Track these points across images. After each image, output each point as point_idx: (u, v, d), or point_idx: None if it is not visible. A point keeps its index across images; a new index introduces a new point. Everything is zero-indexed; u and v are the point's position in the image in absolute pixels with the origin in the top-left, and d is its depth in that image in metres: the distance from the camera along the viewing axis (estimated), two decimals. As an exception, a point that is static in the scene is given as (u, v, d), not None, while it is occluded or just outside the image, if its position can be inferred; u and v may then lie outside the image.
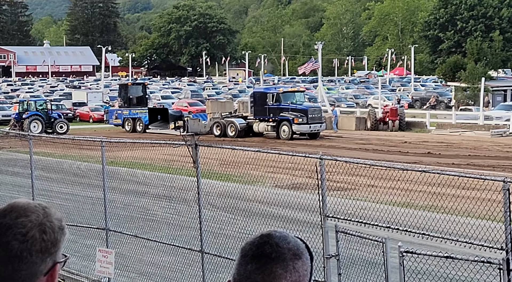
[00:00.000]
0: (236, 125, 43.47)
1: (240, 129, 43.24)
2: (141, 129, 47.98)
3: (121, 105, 51.44)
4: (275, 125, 42.41)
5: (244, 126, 43.47)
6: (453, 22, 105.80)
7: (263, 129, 42.96)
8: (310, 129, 41.92)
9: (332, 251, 10.07)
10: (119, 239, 13.70)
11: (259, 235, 2.08)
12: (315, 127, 42.17)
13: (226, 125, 43.89)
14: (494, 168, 28.18)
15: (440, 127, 47.60)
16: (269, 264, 2.01)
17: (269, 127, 42.70)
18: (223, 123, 44.07)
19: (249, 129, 43.46)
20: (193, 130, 44.09)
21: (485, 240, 8.78)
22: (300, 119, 41.59)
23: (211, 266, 11.87)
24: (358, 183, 19.60)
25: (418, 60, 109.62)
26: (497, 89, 62.30)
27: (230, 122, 43.92)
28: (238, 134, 42.90)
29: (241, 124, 43.51)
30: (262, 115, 42.98)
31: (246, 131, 43.38)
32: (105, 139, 14.64)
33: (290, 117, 41.75)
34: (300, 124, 41.60)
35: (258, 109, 43.22)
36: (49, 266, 2.09)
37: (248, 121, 43.75)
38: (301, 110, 41.95)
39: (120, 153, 18.29)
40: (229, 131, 43.62)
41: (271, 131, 42.65)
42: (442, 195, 12.58)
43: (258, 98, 43.57)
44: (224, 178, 16.85)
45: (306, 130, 41.96)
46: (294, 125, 41.64)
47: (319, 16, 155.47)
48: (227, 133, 43.51)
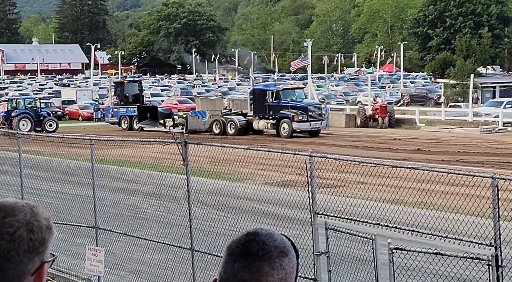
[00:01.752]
0: (236, 123, 42.95)
1: (240, 127, 42.75)
2: (138, 128, 47.33)
3: (117, 103, 50.81)
4: (275, 123, 41.91)
5: (244, 124, 42.99)
6: (442, 19, 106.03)
7: (263, 127, 42.51)
8: (310, 127, 41.48)
9: (322, 248, 10.08)
10: (109, 237, 13.67)
11: (245, 233, 2.08)
12: (315, 125, 41.75)
13: (226, 123, 43.36)
14: (483, 164, 28.28)
15: (429, 124, 47.73)
16: (255, 262, 2.01)
17: (269, 125, 42.22)
18: (222, 121, 43.55)
19: (249, 127, 43.01)
20: (192, 128, 43.79)
21: (474, 237, 8.81)
22: (300, 117, 41.10)
23: (201, 264, 11.87)
24: (348, 180, 19.61)
25: (407, 57, 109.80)
26: (486, 86, 62.52)
27: (230, 120, 43.39)
28: (238, 132, 42.46)
29: (240, 122, 42.98)
30: (262, 112, 42.47)
31: (246, 129, 42.92)
32: (95, 137, 14.60)
33: (290, 115, 41.26)
34: (300, 122, 41.14)
35: (258, 107, 42.69)
36: (36, 266, 2.09)
37: (248, 118, 43.19)
38: (301, 108, 41.48)
39: (110, 151, 18.25)
40: (229, 129, 43.13)
41: (271, 129, 42.19)
42: (432, 191, 12.62)
43: (257, 96, 43.03)
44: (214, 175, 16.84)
45: (306, 128, 41.52)
46: (294, 123, 41.14)
47: (308, 13, 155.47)
48: (227, 131, 43.01)
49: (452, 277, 9.62)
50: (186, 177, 11.89)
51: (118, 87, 53.06)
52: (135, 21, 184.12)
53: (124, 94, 51.00)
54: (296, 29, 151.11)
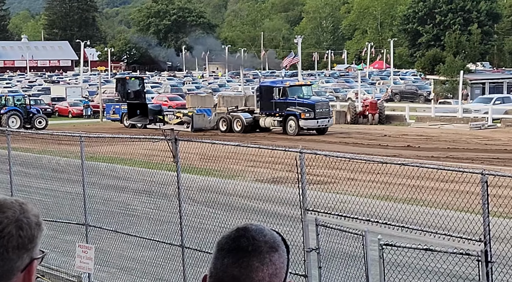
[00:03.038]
0: (243, 120, 42.25)
1: (246, 124, 42.08)
2: (141, 125, 46.44)
3: (119, 100, 49.85)
4: (281, 120, 41.14)
5: (250, 121, 42.28)
6: (432, 15, 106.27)
7: (269, 124, 41.75)
8: (317, 124, 40.61)
9: (312, 244, 10.10)
10: (99, 234, 13.65)
11: (235, 229, 2.08)
12: (322, 123, 40.83)
13: (233, 120, 42.70)
14: (473, 160, 28.38)
15: (419, 120, 47.85)
16: (245, 257, 2.01)
17: (275, 122, 41.40)
18: (229, 119, 42.89)
19: (256, 125, 42.35)
20: (198, 126, 43.29)
21: (463, 232, 8.84)
22: (307, 114, 40.27)
23: (192, 261, 11.86)
24: (338, 176, 19.66)
25: (397, 53, 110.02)
26: (475, 82, 62.70)
27: (236, 117, 42.71)
28: (244, 130, 41.81)
29: (247, 119, 42.29)
30: (268, 110, 41.75)
31: (253, 126, 42.27)
32: (84, 134, 14.57)
33: (297, 112, 40.49)
34: (307, 119, 40.31)
35: (265, 104, 41.91)
36: (26, 263, 2.08)
37: (255, 116, 42.43)
38: (308, 105, 40.67)
39: (100, 148, 18.19)
40: (235, 127, 42.48)
41: (277, 126, 41.46)
42: (422, 187, 12.65)
43: (264, 93, 42.27)
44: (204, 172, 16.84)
45: (313, 126, 40.70)
46: (301, 121, 40.32)
47: (298, 10, 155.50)
48: (233, 129, 42.36)
49: (442, 273, 9.66)
50: (176, 173, 11.88)
51: (119, 84, 51.92)
52: (125, 18, 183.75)
53: (126, 91, 49.96)
54: (286, 25, 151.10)
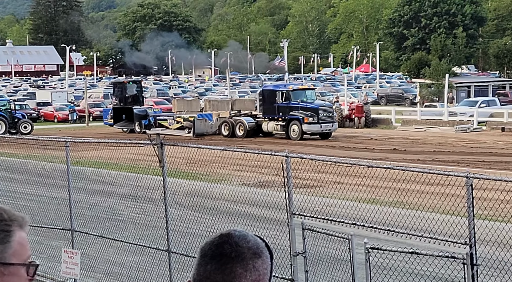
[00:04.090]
0: (245, 124, 41.79)
1: (249, 128, 41.63)
2: (139, 130, 45.55)
3: (116, 104, 49.14)
4: (284, 124, 40.59)
5: (253, 126, 41.79)
6: (417, 19, 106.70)
7: (272, 129, 41.17)
8: (321, 129, 40.00)
9: (299, 248, 10.10)
10: (85, 239, 13.59)
11: (219, 235, 2.07)
12: (326, 127, 40.19)
13: (235, 124, 42.23)
14: (458, 163, 28.49)
15: (405, 123, 48.00)
16: (229, 264, 2.01)
17: (278, 127, 40.88)
18: (231, 123, 42.40)
19: (259, 129, 41.85)
20: (199, 131, 42.78)
21: (449, 235, 8.86)
22: (311, 119, 39.70)
23: (178, 266, 11.83)
24: (324, 180, 19.68)
25: (383, 57, 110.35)
26: (461, 85, 62.99)
27: (239, 122, 42.25)
28: (247, 134, 41.34)
29: (250, 123, 41.81)
30: (271, 114, 41.14)
31: (256, 131, 41.79)
32: (70, 139, 14.51)
33: (300, 117, 39.93)
34: (311, 123, 39.71)
35: (267, 108, 41.32)
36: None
37: (257, 120, 41.90)
38: (311, 109, 40.08)
39: (86, 153, 18.14)
40: (238, 131, 42.03)
41: (280, 131, 40.86)
42: (407, 191, 12.68)
43: (267, 96, 41.70)
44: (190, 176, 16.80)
45: (317, 130, 40.03)
46: (304, 125, 39.75)
47: (284, 14, 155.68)
48: (236, 133, 41.94)
49: (428, 276, 9.68)
50: (162, 178, 11.86)
51: (117, 88, 51.30)
52: (110, 22, 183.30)
53: (124, 95, 49.31)
54: (272, 29, 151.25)
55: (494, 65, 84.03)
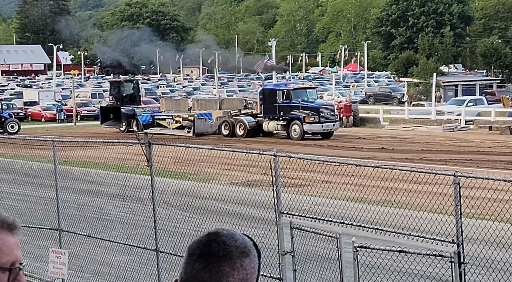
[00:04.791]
0: (246, 124, 41.26)
1: (249, 128, 41.09)
2: (138, 130, 44.24)
3: (113, 103, 48.35)
4: (285, 124, 40.08)
5: (253, 125, 41.22)
6: (405, 18, 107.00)
7: (272, 128, 40.60)
8: (322, 128, 39.46)
9: (287, 247, 10.10)
10: (72, 239, 13.54)
11: (206, 233, 2.07)
12: (327, 127, 39.65)
13: (235, 124, 41.74)
14: (446, 162, 28.59)
15: (393, 122, 48.11)
16: (216, 262, 2.01)
17: (279, 126, 40.36)
18: (231, 122, 41.92)
19: (259, 129, 41.33)
20: (199, 131, 42.29)
21: (437, 234, 8.89)
22: (312, 118, 39.13)
23: (166, 265, 11.82)
24: (313, 179, 19.71)
25: (371, 56, 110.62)
26: (448, 84, 63.22)
27: (239, 121, 41.76)
28: (247, 134, 40.89)
29: (250, 123, 41.28)
30: (271, 113, 40.65)
31: (256, 130, 41.26)
32: (57, 138, 14.46)
33: (301, 116, 39.41)
34: (312, 123, 39.18)
35: (268, 107, 40.77)
36: None
37: (258, 119, 41.35)
38: (312, 108, 39.57)
39: (73, 152, 18.10)
40: (238, 131, 41.51)
41: (281, 130, 40.39)
42: (395, 189, 12.72)
43: (267, 96, 41.10)
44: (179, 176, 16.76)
45: (318, 130, 39.53)
46: (305, 125, 39.21)
47: (272, 13, 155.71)
48: (236, 133, 41.44)
49: (416, 274, 9.71)
50: (150, 177, 11.83)
51: (114, 87, 50.59)
52: (98, 21, 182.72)
53: (121, 94, 48.69)
54: (260, 28, 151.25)
55: (481, 64, 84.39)
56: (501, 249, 10.14)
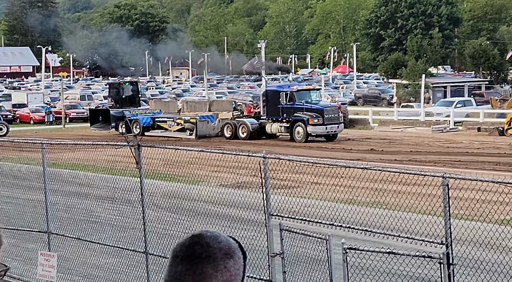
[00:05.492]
0: (248, 126, 40.71)
1: (252, 130, 40.57)
2: (138, 132, 43.43)
3: (112, 105, 47.52)
4: (288, 126, 39.56)
5: (256, 127, 40.71)
6: (394, 20, 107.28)
7: (276, 130, 40.15)
8: (326, 130, 38.98)
9: (276, 249, 10.10)
10: (61, 242, 13.50)
11: (190, 236, 2.08)
12: (331, 129, 39.14)
13: (238, 126, 41.20)
14: (435, 163, 28.67)
15: (382, 124, 48.22)
16: (199, 264, 2.01)
17: (282, 128, 39.83)
18: (234, 125, 41.40)
19: (262, 131, 40.81)
20: (202, 133, 41.83)
21: (426, 235, 8.92)
22: (316, 120, 38.65)
23: (156, 267, 11.79)
24: (302, 181, 19.72)
25: (360, 57, 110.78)
26: (437, 85, 63.47)
27: (241, 123, 41.20)
28: (250, 136, 40.36)
29: (253, 125, 40.73)
30: (275, 115, 40.13)
31: (259, 132, 40.77)
32: (46, 141, 14.41)
33: (305, 118, 38.94)
34: (316, 125, 38.64)
35: (271, 109, 40.27)
36: None
37: (261, 122, 40.85)
38: (316, 110, 39.06)
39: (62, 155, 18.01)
40: (241, 133, 40.96)
41: (284, 132, 39.87)
42: (384, 191, 12.74)
43: (270, 97, 40.56)
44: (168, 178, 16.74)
45: (322, 132, 39.03)
46: (309, 127, 38.68)
47: (261, 15, 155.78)
48: (239, 135, 40.89)
49: (405, 276, 9.73)
50: (139, 179, 11.81)
51: (113, 89, 49.59)
52: (87, 23, 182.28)
53: (120, 96, 47.73)
54: (249, 30, 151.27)
55: (470, 65, 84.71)
56: (490, 250, 10.18)
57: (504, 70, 72.32)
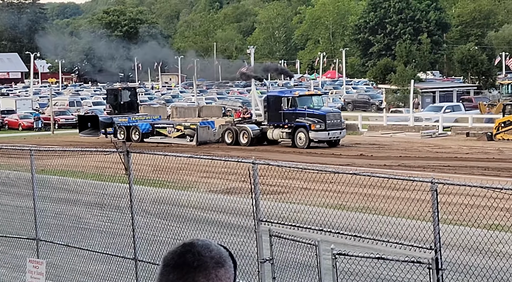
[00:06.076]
0: (249, 132, 40.12)
1: (253, 136, 40.00)
2: (137, 139, 43.21)
3: (110, 112, 46.99)
4: (290, 132, 38.94)
5: (257, 133, 40.14)
6: (383, 25, 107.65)
7: (277, 136, 39.59)
8: (328, 136, 38.38)
9: (266, 255, 10.09)
10: (50, 248, 13.44)
11: (181, 244, 2.07)
12: (334, 135, 38.60)
13: (239, 132, 40.64)
14: (424, 168, 28.73)
15: (372, 129, 48.30)
16: (191, 273, 2.00)
17: (284, 134, 39.27)
18: (235, 130, 40.83)
19: (263, 137, 40.23)
20: (202, 139, 41.35)
21: (415, 240, 8.93)
22: (318, 126, 38.09)
23: (145, 274, 11.76)
24: (292, 186, 19.73)
25: (349, 63, 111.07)
26: (426, 91, 63.63)
27: (242, 129, 40.65)
28: (251, 142, 39.85)
29: (254, 131, 40.17)
30: (276, 121, 39.57)
31: (260, 138, 40.27)
32: (35, 147, 14.36)
33: (307, 124, 38.31)
34: (318, 131, 38.07)
35: (272, 115, 39.70)
36: None
37: (262, 127, 40.27)
38: (318, 116, 38.54)
39: (51, 161, 17.96)
40: (242, 139, 40.42)
41: (286, 138, 39.26)
42: (373, 196, 12.77)
43: (272, 103, 40.05)
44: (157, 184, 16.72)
45: (324, 138, 38.44)
46: (311, 132, 38.06)
47: (251, 20, 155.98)
48: (239, 141, 40.35)
49: (394, 281, 9.74)
50: (128, 186, 11.78)
51: (111, 95, 49.04)
52: (76, 29, 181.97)
53: (119, 102, 47.20)
54: (238, 36, 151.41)
55: (459, 70, 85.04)
56: (478, 255, 10.20)
57: (493, 76, 72.59)
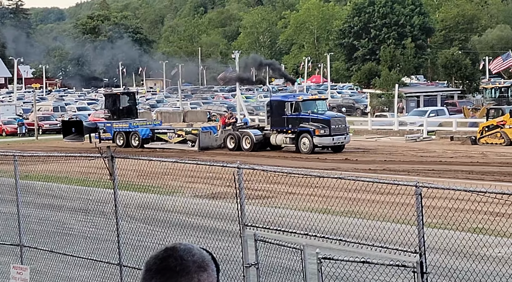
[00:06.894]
0: (252, 137, 39.56)
1: (256, 141, 39.25)
2: (137, 144, 42.73)
3: (109, 117, 46.25)
4: (294, 137, 38.26)
5: (260, 139, 39.58)
6: (367, 30, 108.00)
7: (281, 142, 38.91)
8: (333, 141, 37.75)
9: (251, 259, 10.08)
10: (34, 254, 13.36)
11: (164, 249, 2.07)
12: (338, 140, 37.94)
13: (241, 137, 40.04)
14: (409, 172, 28.83)
15: (356, 133, 48.42)
16: (173, 278, 2.00)
17: (287, 139, 38.57)
18: (237, 136, 40.20)
19: (266, 142, 39.53)
20: (204, 145, 40.84)
21: (399, 244, 8.95)
22: (322, 131, 37.46)
23: (130, 279, 11.72)
24: (277, 191, 19.73)
25: (334, 67, 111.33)
26: (410, 95, 63.92)
27: (245, 134, 39.97)
28: (253, 148, 39.29)
29: (257, 136, 39.60)
30: (279, 126, 38.91)
31: (263, 144, 39.66)
32: (18, 153, 14.28)
33: (311, 129, 37.65)
34: (322, 136, 37.43)
35: (275, 120, 39.06)
36: None
37: (265, 133, 39.68)
38: (322, 121, 37.94)
39: (35, 167, 17.86)
40: (244, 144, 39.83)
41: (289, 144, 38.53)
42: (358, 200, 12.79)
43: (275, 108, 39.41)
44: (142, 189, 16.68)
45: (328, 143, 37.76)
46: (315, 138, 37.43)
47: (235, 25, 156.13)
48: (242, 146, 39.77)
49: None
50: (113, 191, 11.74)
51: (109, 100, 48.06)
52: (60, 34, 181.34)
53: (117, 107, 46.47)
54: (223, 41, 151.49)
55: (443, 75, 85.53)
56: (463, 259, 10.24)
57: (476, 80, 73.02)
